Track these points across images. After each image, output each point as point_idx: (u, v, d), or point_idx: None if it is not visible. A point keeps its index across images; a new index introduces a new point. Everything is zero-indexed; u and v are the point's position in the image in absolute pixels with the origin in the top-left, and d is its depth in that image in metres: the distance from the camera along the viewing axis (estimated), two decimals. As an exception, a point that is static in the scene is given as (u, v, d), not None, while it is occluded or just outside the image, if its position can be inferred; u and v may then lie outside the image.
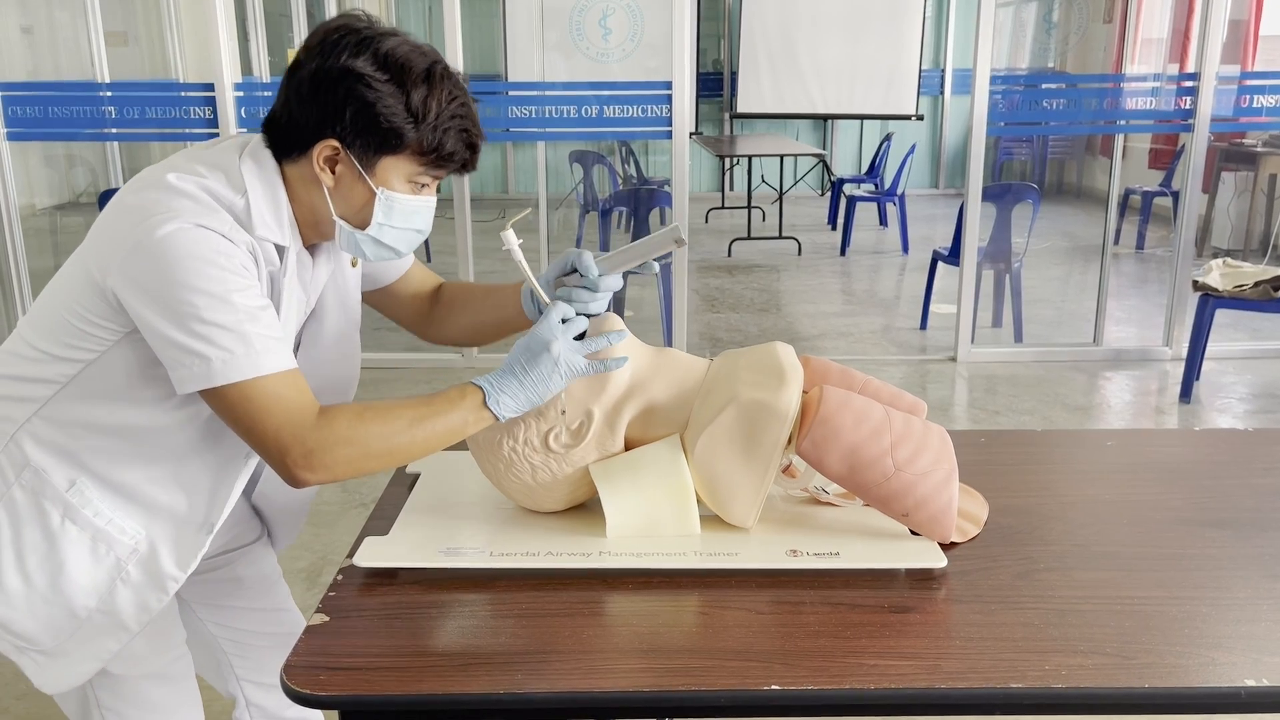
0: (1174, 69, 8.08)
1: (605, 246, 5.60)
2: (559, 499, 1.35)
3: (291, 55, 1.31)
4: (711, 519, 1.34)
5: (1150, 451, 1.68)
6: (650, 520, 1.31)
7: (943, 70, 10.68)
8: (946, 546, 1.31)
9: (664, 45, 4.70)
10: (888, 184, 8.58)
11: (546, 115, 4.73)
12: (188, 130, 4.71)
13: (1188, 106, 4.82)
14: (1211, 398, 4.56)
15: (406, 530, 1.34)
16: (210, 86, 4.65)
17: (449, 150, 1.28)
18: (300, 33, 7.98)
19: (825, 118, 10.12)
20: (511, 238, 1.32)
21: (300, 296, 1.36)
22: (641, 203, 5.32)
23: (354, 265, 1.49)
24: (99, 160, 7.07)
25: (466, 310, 1.57)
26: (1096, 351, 5.14)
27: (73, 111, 4.69)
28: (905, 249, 7.91)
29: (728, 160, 10.12)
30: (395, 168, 1.27)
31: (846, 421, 1.29)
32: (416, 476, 1.53)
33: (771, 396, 1.29)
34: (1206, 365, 4.61)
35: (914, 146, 8.33)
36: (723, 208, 9.74)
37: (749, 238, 8.14)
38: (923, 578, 1.25)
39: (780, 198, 8.29)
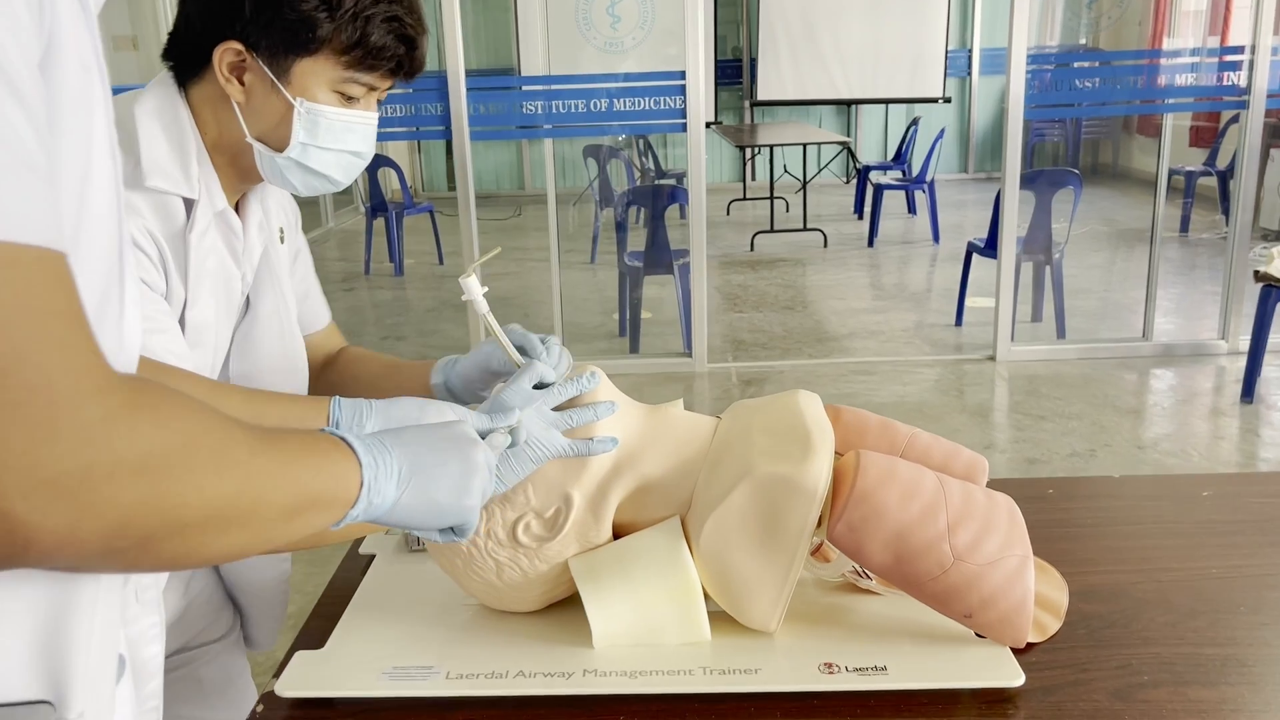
0: (1214, 42, 7.69)
1: (623, 246, 5.35)
2: (532, 599, 1.09)
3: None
4: (724, 618, 1.07)
5: (1256, 503, 1.39)
6: (647, 627, 1.04)
7: (970, 50, 10.30)
8: (1021, 650, 1.04)
9: (677, 33, 4.42)
10: (915, 170, 8.24)
11: (554, 110, 4.47)
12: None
13: (1238, 82, 4.48)
14: (1276, 396, 4.23)
15: (347, 638, 1.09)
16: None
17: (375, 44, 1.06)
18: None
19: (849, 103, 9.78)
20: (474, 286, 1.07)
21: (229, 269, 1.14)
22: (656, 199, 5.03)
23: (281, 241, 1.25)
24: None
25: (359, 383, 1.32)
26: (1146, 347, 4.81)
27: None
28: (936, 238, 7.58)
29: (748, 150, 9.80)
30: (314, 72, 1.07)
31: (891, 498, 1.02)
32: (371, 558, 1.27)
33: (795, 469, 1.02)
34: (1268, 360, 4.28)
35: (943, 131, 7.98)
36: (744, 199, 9.44)
37: (772, 230, 7.84)
38: (994, 699, 0.98)
39: (804, 187, 7.99)
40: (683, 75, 4.36)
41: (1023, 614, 1.01)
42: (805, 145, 7.80)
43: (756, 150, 9.86)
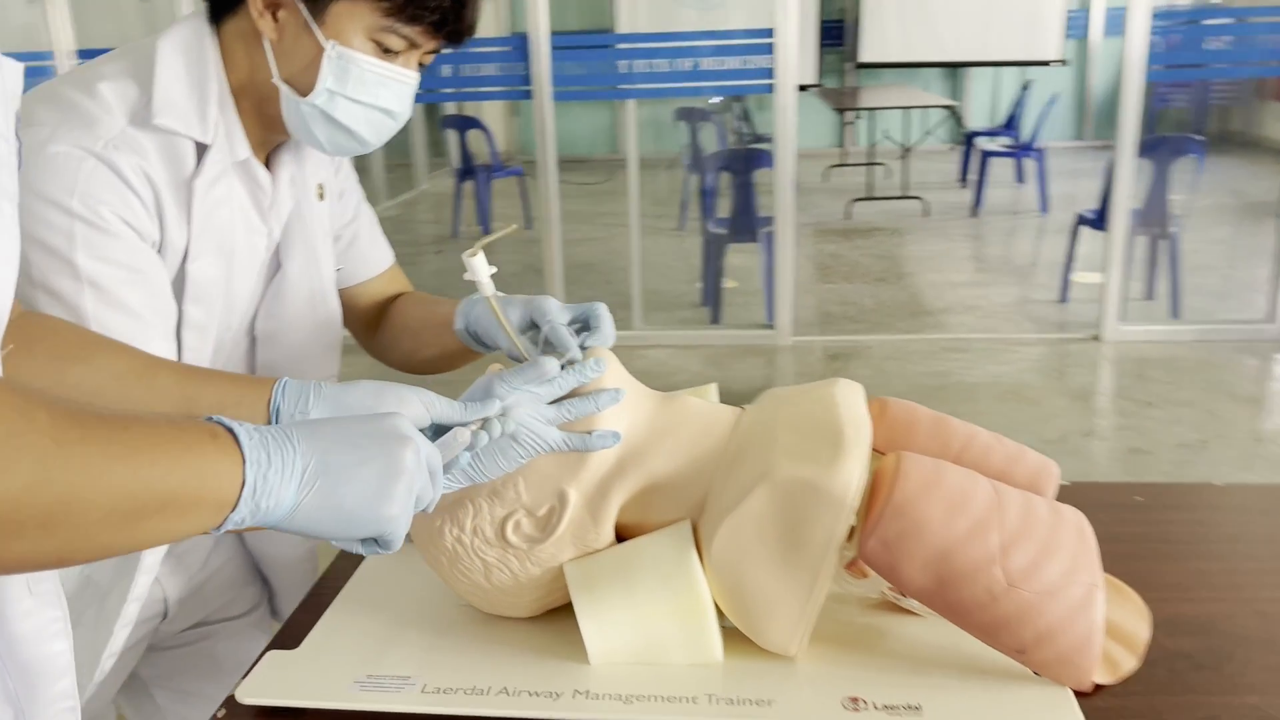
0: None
1: (709, 213, 5.17)
2: (524, 605, 0.98)
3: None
4: (740, 637, 0.94)
5: (1387, 522, 1.20)
6: (649, 644, 0.92)
7: (1089, 10, 9.73)
8: (1087, 693, 0.88)
9: (770, -13, 4.22)
10: (1026, 136, 7.82)
11: (638, 71, 4.32)
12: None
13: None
14: None
15: (326, 638, 0.99)
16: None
17: None
18: None
19: (957, 65, 9.35)
20: (480, 266, 0.96)
21: (252, 224, 1.06)
22: (742, 163, 4.85)
23: (320, 198, 1.16)
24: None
25: (407, 333, 1.22)
26: (1270, 329, 4.45)
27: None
28: (1044, 208, 7.19)
29: (848, 114, 9.47)
30: (351, 15, 0.99)
31: (934, 510, 0.87)
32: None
33: (821, 472, 0.88)
34: None
35: (1056, 96, 7.55)
36: (843, 165, 9.14)
37: (869, 198, 7.55)
38: (1048, 752, 0.83)
39: (905, 153, 7.67)
40: (770, 33, 4.16)
41: (1087, 653, 0.86)
42: (908, 109, 7.48)
43: (857, 114, 9.53)
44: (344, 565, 1.15)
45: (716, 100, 7.67)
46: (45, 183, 0.90)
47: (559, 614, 1.00)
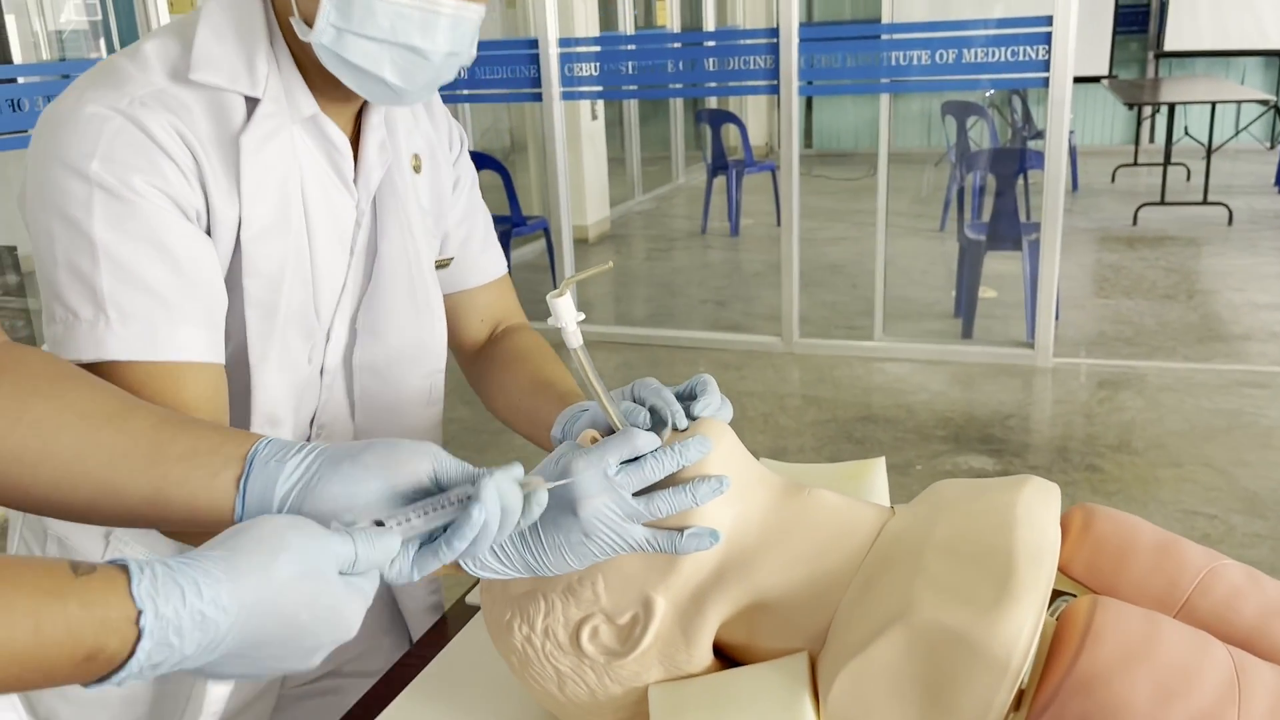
0: None
1: (977, 214, 4.76)
2: (603, 726, 0.81)
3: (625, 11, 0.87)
4: (866, 807, 0.73)
5: None
6: (743, 803, 0.73)
7: None
8: None
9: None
10: (1364, 136, 6.73)
11: (894, 63, 4.02)
12: (516, 90, 4.56)
13: None
14: None
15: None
16: (534, 43, 4.44)
17: None
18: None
19: (1282, 53, 8.24)
20: (566, 309, 0.74)
21: (329, 189, 0.93)
22: (1006, 163, 4.41)
23: (416, 169, 1.03)
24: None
25: (503, 394, 1.06)
26: None
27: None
28: (1382, 220, 6.16)
29: (1144, 108, 8.56)
30: None
31: (1137, 693, 0.63)
32: (476, 611, 1.05)
33: (977, 621, 0.65)
34: None
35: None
36: (1134, 164, 8.27)
37: (1162, 202, 6.76)
38: None
39: (1209, 153, 6.80)
40: (1048, 20, 3.73)
41: None
42: (1216, 104, 6.62)
43: (1155, 109, 8.60)
44: (432, 639, 1.04)
45: (991, 93, 7.13)
46: (67, 147, 0.80)
47: (650, 737, 0.82)
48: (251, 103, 0.88)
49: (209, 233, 0.87)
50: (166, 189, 0.82)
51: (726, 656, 0.79)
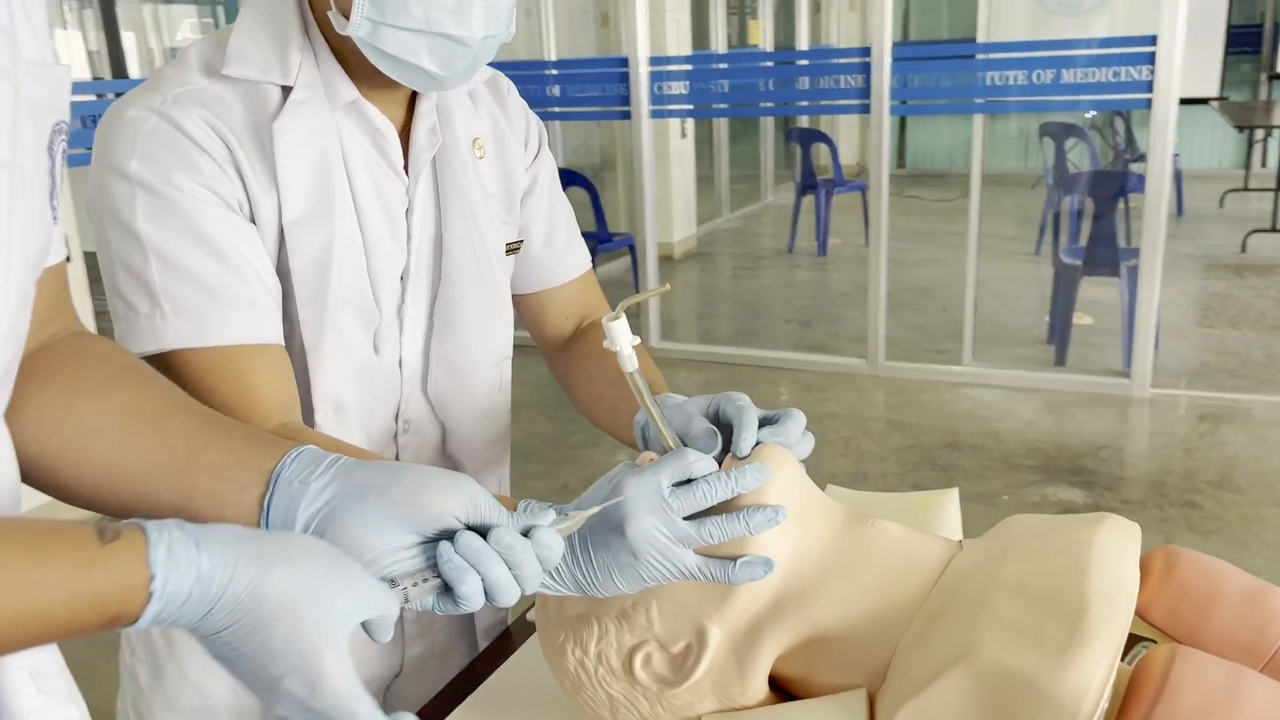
0: None
1: (1074, 238, 4.62)
2: (656, 755, 0.79)
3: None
4: None
5: None
6: (795, 842, 0.71)
7: None
8: None
9: (1154, -10, 3.68)
10: None
11: (988, 83, 3.93)
12: (605, 108, 4.60)
13: None
14: None
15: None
16: (624, 61, 4.47)
17: None
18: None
19: None
20: (622, 333, 0.74)
21: (375, 172, 0.94)
22: (1104, 186, 4.28)
23: (479, 154, 1.01)
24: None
25: (583, 384, 1.06)
26: None
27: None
28: None
29: (1255, 131, 8.23)
30: None
31: (1219, 750, 0.59)
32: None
33: (1044, 666, 0.62)
34: None
35: None
36: (1245, 189, 7.94)
37: (1273, 229, 6.48)
38: None
39: (1327, 179, 6.50)
40: (1152, 40, 3.61)
41: None
42: (1334, 127, 6.31)
43: (1267, 132, 8.26)
44: (490, 654, 1.04)
45: (1092, 114, 6.94)
46: (111, 150, 0.84)
47: (705, 768, 0.80)
48: (286, 92, 0.89)
49: (253, 220, 0.88)
50: (204, 182, 0.84)
51: (783, 689, 0.77)
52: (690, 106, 4.59)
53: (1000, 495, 3.25)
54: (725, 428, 0.79)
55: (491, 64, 0.96)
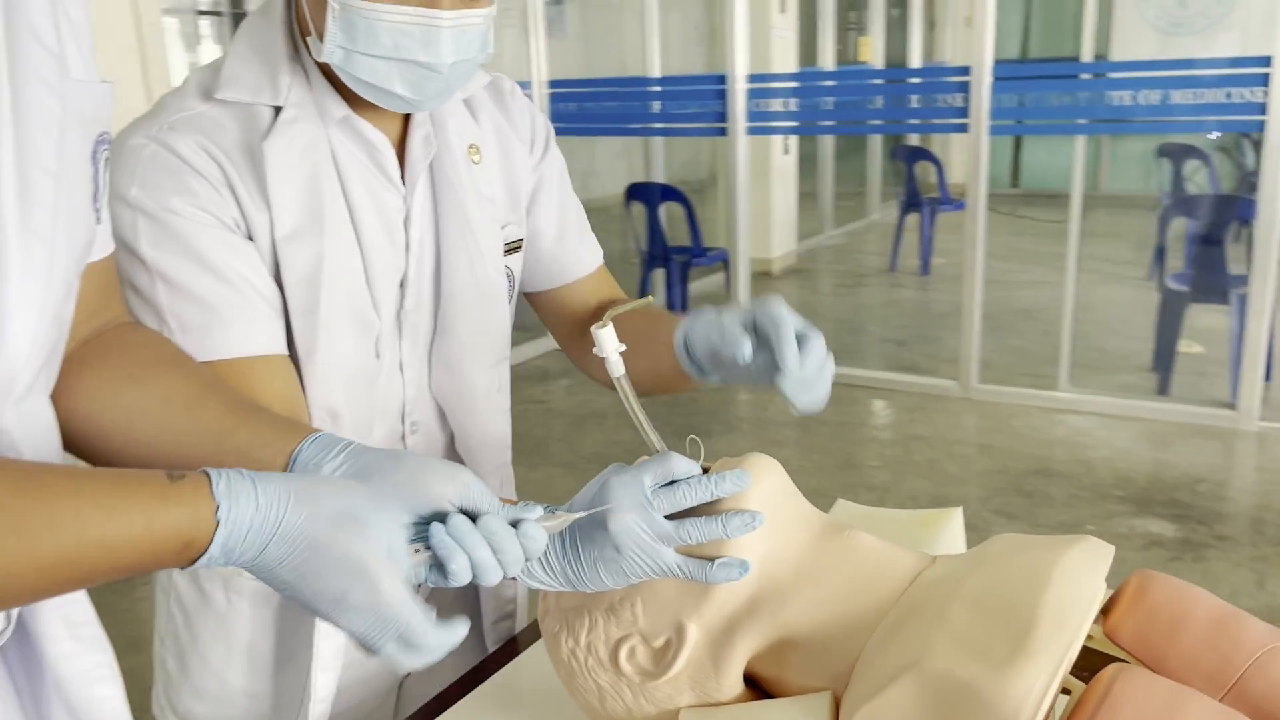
0: None
1: (1190, 264, 4.45)
2: (640, 743, 0.84)
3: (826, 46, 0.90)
4: None
5: None
6: (759, 833, 0.74)
7: None
8: None
9: (1270, 8, 3.55)
10: None
11: (1091, 104, 3.85)
12: (703, 124, 4.65)
13: None
14: None
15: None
16: (722, 79, 4.51)
17: None
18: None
19: None
20: (609, 340, 0.83)
21: (372, 185, 0.97)
22: (1214, 211, 4.13)
23: (475, 160, 1.05)
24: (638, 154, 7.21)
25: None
26: None
27: (615, 107, 4.77)
28: None
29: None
30: None
31: (1152, 768, 0.61)
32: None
33: (988, 676, 0.65)
34: None
35: None
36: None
37: None
38: None
39: None
40: (1267, 61, 3.49)
41: None
42: None
43: None
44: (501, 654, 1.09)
45: (1217, 135, 6.67)
46: (116, 179, 0.87)
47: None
48: (278, 112, 0.93)
49: (250, 237, 0.93)
50: (199, 204, 0.89)
51: (762, 689, 0.81)
52: (792, 124, 4.61)
53: (1085, 525, 3.17)
54: (763, 337, 0.85)
55: (598, 81, 0.98)
